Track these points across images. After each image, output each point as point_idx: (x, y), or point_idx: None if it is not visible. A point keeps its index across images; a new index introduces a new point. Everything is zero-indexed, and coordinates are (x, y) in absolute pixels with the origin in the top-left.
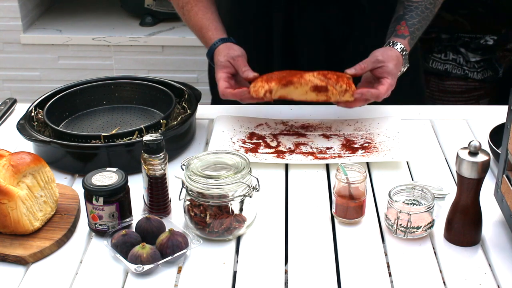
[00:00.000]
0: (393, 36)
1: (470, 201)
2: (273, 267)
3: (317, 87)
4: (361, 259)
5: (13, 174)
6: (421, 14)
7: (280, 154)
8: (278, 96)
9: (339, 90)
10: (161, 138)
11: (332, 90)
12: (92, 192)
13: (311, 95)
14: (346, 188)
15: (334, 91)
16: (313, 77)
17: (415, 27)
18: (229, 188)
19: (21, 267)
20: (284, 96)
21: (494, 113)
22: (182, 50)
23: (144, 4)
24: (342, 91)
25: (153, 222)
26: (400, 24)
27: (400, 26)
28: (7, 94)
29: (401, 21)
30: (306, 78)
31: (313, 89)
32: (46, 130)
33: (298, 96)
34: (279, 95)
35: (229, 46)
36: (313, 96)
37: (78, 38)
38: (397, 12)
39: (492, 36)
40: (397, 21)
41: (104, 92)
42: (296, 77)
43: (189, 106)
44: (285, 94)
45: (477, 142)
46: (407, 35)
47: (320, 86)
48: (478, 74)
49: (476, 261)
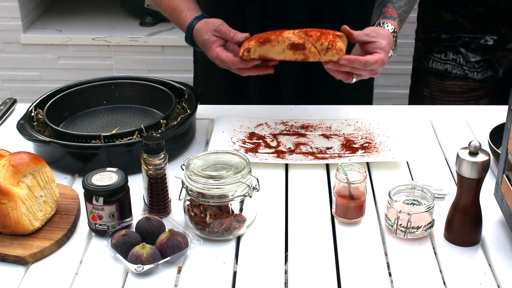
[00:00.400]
0: (381, 18)
1: (470, 201)
2: (273, 267)
3: (294, 45)
4: (361, 259)
5: (13, 174)
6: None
7: (280, 154)
8: (258, 55)
9: (320, 48)
10: (161, 138)
11: (310, 48)
12: (92, 192)
13: (288, 53)
14: (346, 188)
15: (313, 49)
16: (292, 35)
17: (402, 9)
18: (229, 188)
19: (21, 267)
20: (263, 55)
21: (494, 113)
22: (182, 50)
23: (144, 4)
24: (323, 49)
25: (153, 222)
26: (387, 6)
27: (387, 9)
28: (7, 94)
29: (387, 4)
30: (284, 36)
31: (290, 47)
32: (46, 130)
33: (277, 55)
34: (259, 54)
35: (206, 22)
36: (291, 55)
37: (78, 38)
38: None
39: (492, 36)
40: (383, 4)
41: (104, 92)
42: (275, 35)
43: (189, 106)
44: (264, 53)
45: (477, 142)
46: (395, 17)
47: (297, 44)
48: (478, 74)
49: (476, 261)
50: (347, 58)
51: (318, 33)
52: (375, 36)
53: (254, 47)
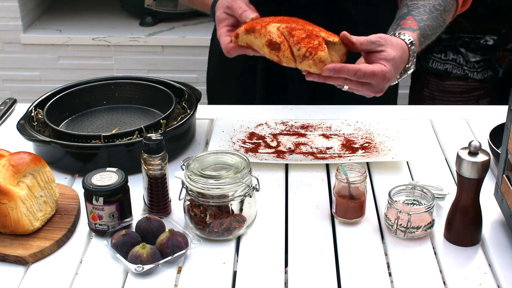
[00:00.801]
0: (398, 30)
1: (470, 201)
2: (273, 267)
3: (272, 42)
4: (361, 259)
5: (13, 174)
6: (430, 13)
7: (280, 154)
8: (245, 43)
9: (296, 53)
10: (161, 138)
11: (285, 52)
12: (92, 192)
13: (265, 50)
14: (346, 188)
15: (287, 53)
16: (276, 29)
17: (425, 23)
18: (229, 188)
19: (21, 267)
20: (249, 44)
21: (494, 113)
22: (182, 50)
23: (144, 4)
24: (299, 56)
25: (153, 222)
26: (406, 19)
27: (406, 21)
28: (7, 94)
29: (406, 16)
30: (267, 29)
31: (268, 43)
32: (46, 130)
33: (258, 49)
34: (245, 42)
35: None
36: (267, 53)
37: (78, 38)
38: (400, 13)
39: (492, 36)
40: (401, 18)
41: (104, 92)
42: (261, 25)
43: (189, 106)
44: (249, 43)
45: (477, 142)
46: (415, 29)
47: (274, 42)
48: (478, 74)
49: (476, 261)
50: (331, 68)
51: (304, 34)
52: (384, 44)
53: (242, 34)
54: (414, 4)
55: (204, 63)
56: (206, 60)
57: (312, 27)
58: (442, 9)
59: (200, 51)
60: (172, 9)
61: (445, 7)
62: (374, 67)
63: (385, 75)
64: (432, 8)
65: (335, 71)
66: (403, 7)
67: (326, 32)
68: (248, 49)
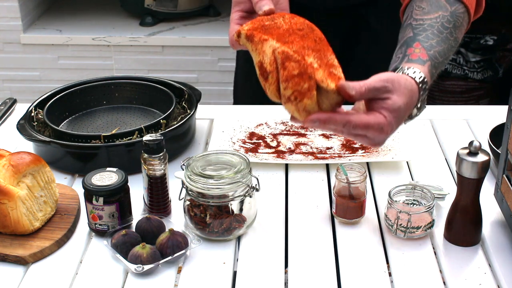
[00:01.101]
0: (405, 62)
1: (470, 201)
2: (273, 267)
3: (262, 67)
4: (361, 259)
5: (13, 174)
6: (439, 34)
7: (280, 154)
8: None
9: (282, 92)
10: (161, 138)
11: (271, 85)
12: (92, 192)
13: (256, 69)
14: (346, 188)
15: (272, 88)
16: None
17: (435, 50)
18: (229, 188)
19: (21, 267)
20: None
21: (494, 113)
22: (182, 50)
23: (144, 4)
24: (284, 96)
25: (153, 222)
26: (413, 46)
27: (413, 49)
28: (7, 94)
29: (413, 43)
30: (263, 48)
31: (259, 66)
32: (46, 130)
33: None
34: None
35: None
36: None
37: (78, 38)
38: (403, 36)
39: (492, 36)
40: (407, 44)
41: (104, 92)
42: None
43: (189, 106)
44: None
45: (477, 142)
46: (425, 60)
47: (264, 68)
48: (478, 74)
49: (476, 261)
50: (315, 119)
51: (297, 70)
52: (391, 90)
53: (243, 36)
54: (419, 24)
55: (204, 63)
56: (206, 60)
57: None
58: (451, 26)
59: (200, 51)
60: (172, 9)
61: (454, 23)
62: (369, 118)
63: (382, 128)
64: (440, 27)
65: (319, 122)
66: (407, 28)
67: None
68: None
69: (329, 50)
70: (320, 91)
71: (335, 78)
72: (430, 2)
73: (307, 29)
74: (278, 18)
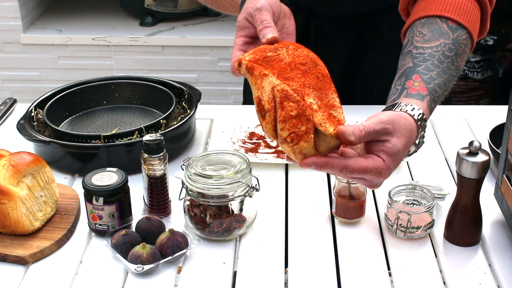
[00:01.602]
0: (403, 97)
1: (470, 201)
2: (273, 267)
3: (260, 104)
4: (361, 259)
5: (13, 174)
6: (440, 64)
7: (280, 154)
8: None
9: (279, 132)
10: (161, 138)
11: (267, 124)
12: (92, 192)
13: (255, 104)
14: (346, 188)
15: (269, 127)
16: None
17: (434, 83)
18: (229, 188)
19: (21, 267)
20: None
21: (494, 113)
22: (182, 50)
23: (144, 4)
24: (281, 137)
25: (153, 222)
26: (412, 79)
27: (411, 82)
28: (7, 94)
29: (412, 75)
30: (262, 84)
31: (257, 102)
32: (46, 130)
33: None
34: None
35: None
36: (255, 109)
37: (78, 38)
38: (403, 65)
39: (492, 36)
40: (406, 75)
41: (104, 92)
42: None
43: (189, 106)
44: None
45: (477, 142)
46: (425, 95)
47: (262, 106)
48: (478, 74)
49: (476, 261)
50: (310, 163)
51: (295, 111)
52: (390, 132)
53: (243, 66)
54: (419, 54)
55: (204, 63)
56: (206, 60)
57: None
58: (453, 54)
59: (200, 51)
60: (172, 9)
61: (456, 51)
62: (367, 163)
63: (380, 172)
64: (441, 57)
65: (315, 166)
66: (407, 56)
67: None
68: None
69: (331, 88)
70: (318, 133)
71: (335, 121)
72: (431, 28)
73: (310, 64)
74: (282, 49)
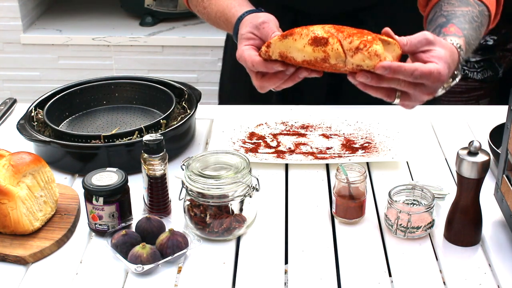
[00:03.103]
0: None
1: (470, 201)
2: (273, 267)
3: (317, 39)
4: (361, 259)
5: (13, 174)
6: (471, 23)
7: (280, 154)
8: (278, 53)
9: (347, 46)
10: (161, 138)
11: (333, 45)
12: (92, 192)
13: (307, 50)
14: (346, 188)
15: (335, 47)
16: (320, 29)
17: (468, 32)
18: (229, 188)
19: (21, 267)
20: (283, 53)
21: (494, 113)
22: (182, 50)
23: (144, 4)
24: (351, 49)
25: (153, 222)
26: (448, 26)
27: (447, 28)
28: (7, 94)
29: (447, 24)
30: (310, 29)
31: (311, 41)
32: (46, 130)
33: (297, 53)
34: (279, 52)
35: (254, 15)
36: (310, 53)
37: (78, 38)
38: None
39: (492, 36)
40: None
41: (104, 92)
42: (301, 28)
43: (189, 106)
44: (284, 50)
45: (477, 142)
46: (460, 35)
47: (320, 38)
48: (478, 74)
49: (476, 261)
50: (386, 66)
51: (355, 30)
52: (433, 42)
53: (275, 41)
54: (451, 13)
55: (204, 63)
56: (206, 60)
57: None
58: (479, 21)
59: (200, 51)
60: (172, 9)
61: (481, 21)
62: (430, 66)
63: (440, 73)
64: (471, 18)
65: (390, 70)
66: (439, 17)
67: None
68: (274, 64)
69: None
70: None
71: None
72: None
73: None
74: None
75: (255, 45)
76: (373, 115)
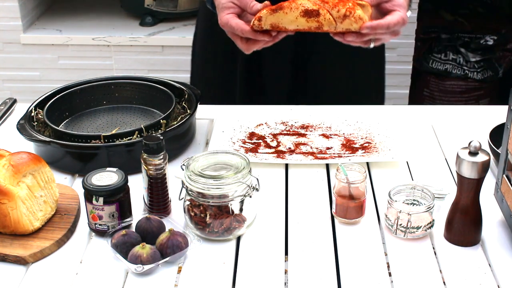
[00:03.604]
0: None
1: (470, 201)
2: (273, 267)
3: (308, 11)
4: (361, 259)
5: (13, 174)
6: None
7: (280, 154)
8: (269, 24)
9: (336, 15)
10: (161, 138)
11: (325, 15)
12: (92, 192)
13: (301, 21)
14: (346, 188)
15: (327, 16)
16: (307, 1)
17: None
18: (229, 188)
19: (21, 267)
20: (275, 24)
21: (494, 113)
22: (182, 50)
23: (144, 4)
24: (339, 17)
25: (153, 222)
26: None
27: None
28: (7, 94)
29: None
30: (298, 2)
31: (303, 14)
32: (46, 130)
33: (289, 24)
34: (270, 23)
35: None
36: (304, 23)
37: (78, 38)
38: None
39: (492, 36)
40: None
41: (104, 92)
42: (288, 2)
43: (189, 106)
44: (276, 22)
45: (477, 142)
46: None
47: (311, 10)
48: (478, 74)
49: (476, 261)
50: (369, 26)
51: (336, 0)
52: None
53: (265, 15)
54: None
55: None
56: None
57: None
58: None
59: None
60: (172, 9)
61: None
62: (395, 17)
63: (404, 19)
64: None
65: (371, 29)
66: None
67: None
68: (264, 35)
69: None
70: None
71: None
72: None
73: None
74: None
75: (236, 13)
76: (373, 115)
